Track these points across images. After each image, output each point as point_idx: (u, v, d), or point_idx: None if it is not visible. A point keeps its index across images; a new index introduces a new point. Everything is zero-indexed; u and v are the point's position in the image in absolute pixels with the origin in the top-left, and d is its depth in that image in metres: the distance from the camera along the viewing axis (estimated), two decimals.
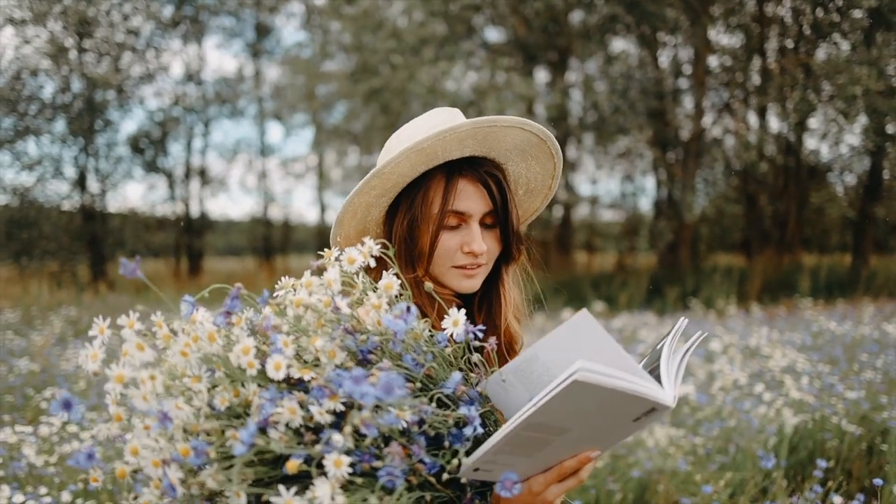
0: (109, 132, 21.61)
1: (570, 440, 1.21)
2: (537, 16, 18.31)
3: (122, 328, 1.15)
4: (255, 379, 1.15)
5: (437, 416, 1.19)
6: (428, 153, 1.55)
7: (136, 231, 22.16)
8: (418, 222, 1.60)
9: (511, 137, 1.62)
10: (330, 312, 1.24)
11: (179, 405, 1.09)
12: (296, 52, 23.87)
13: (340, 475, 1.05)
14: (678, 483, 4.19)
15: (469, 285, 1.64)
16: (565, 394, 1.06)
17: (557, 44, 18.96)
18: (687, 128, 19.01)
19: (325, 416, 1.10)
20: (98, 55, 20.84)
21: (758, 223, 19.13)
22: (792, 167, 18.50)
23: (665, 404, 1.14)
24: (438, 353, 1.28)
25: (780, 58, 17.31)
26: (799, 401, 5.05)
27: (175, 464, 1.08)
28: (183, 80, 23.63)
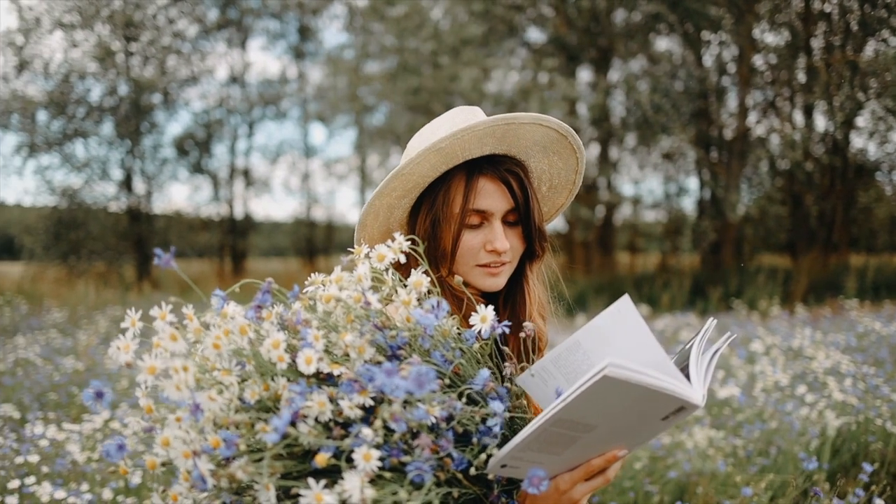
0: (155, 134, 21.93)
1: (597, 438, 1.20)
2: (580, 15, 18.25)
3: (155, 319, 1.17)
4: (285, 373, 1.17)
5: (465, 412, 1.19)
6: (447, 153, 1.55)
7: (180, 232, 22.41)
8: (440, 222, 1.60)
9: (531, 134, 1.62)
10: (359, 308, 1.25)
11: (213, 396, 1.11)
12: (338, 53, 23.98)
13: (370, 469, 1.06)
14: (717, 485, 4.15)
15: (493, 283, 1.65)
16: (594, 390, 1.06)
17: (600, 43, 18.88)
18: (731, 127, 18.82)
19: (355, 411, 1.11)
20: (144, 58, 21.14)
21: (803, 223, 18.87)
22: (838, 166, 18.23)
23: (694, 403, 1.13)
24: (467, 350, 1.29)
25: (827, 55, 17.07)
26: (842, 403, 4.97)
27: (205, 455, 1.10)
28: (227, 83, 23.87)
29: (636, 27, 18.88)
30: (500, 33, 18.81)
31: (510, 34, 19.33)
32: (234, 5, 22.95)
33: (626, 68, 20.36)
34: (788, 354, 6.84)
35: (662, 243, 22.88)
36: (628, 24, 19.13)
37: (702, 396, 1.17)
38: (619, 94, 20.29)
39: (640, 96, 18.01)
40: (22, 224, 21.02)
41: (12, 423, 4.81)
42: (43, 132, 20.00)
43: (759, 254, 21.69)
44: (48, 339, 8.40)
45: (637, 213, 24.70)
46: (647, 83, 18.96)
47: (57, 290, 15.60)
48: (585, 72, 20.81)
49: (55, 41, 24.09)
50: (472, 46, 17.59)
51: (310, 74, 25.61)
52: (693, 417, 5.02)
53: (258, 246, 28.56)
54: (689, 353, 1.28)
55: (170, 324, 1.17)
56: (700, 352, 1.29)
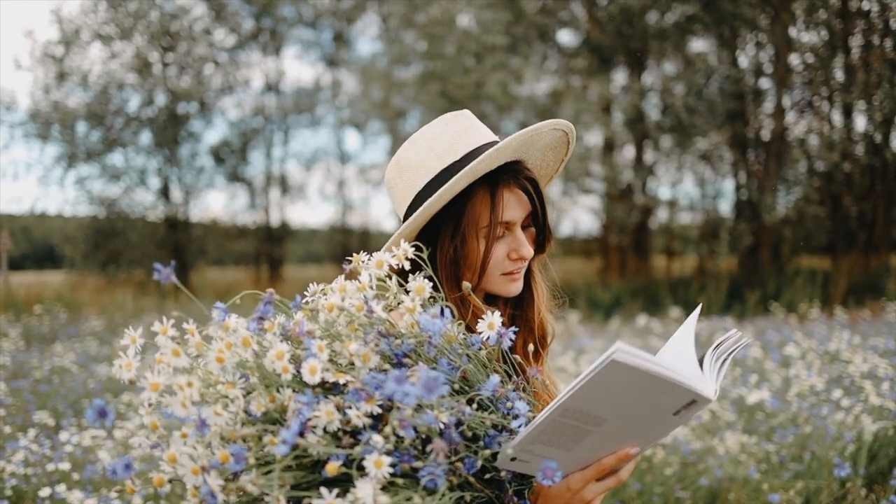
0: (192, 143, 22.16)
1: (608, 434, 1.20)
2: (612, 18, 18.17)
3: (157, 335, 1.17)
4: (291, 384, 1.16)
5: (475, 417, 1.19)
6: (485, 167, 1.56)
7: (217, 240, 22.60)
8: (466, 238, 1.59)
9: (547, 137, 1.65)
10: (363, 316, 1.25)
11: (218, 411, 1.11)
12: (371, 61, 24.10)
13: (381, 476, 1.06)
14: (750, 491, 4.09)
15: (515, 288, 1.65)
16: (603, 376, 1.06)
17: (632, 46, 18.78)
18: (768, 128, 18.62)
19: (363, 419, 1.11)
20: (181, 68, 21.38)
21: (843, 224, 18.62)
22: (878, 166, 17.96)
23: (706, 396, 1.13)
24: (473, 356, 1.28)
25: (865, 53, 16.83)
26: (879, 407, 4.89)
27: (214, 470, 1.10)
28: (263, 91, 24.07)
29: (670, 28, 18.76)
30: (531, 37, 18.78)
31: (541, 38, 19.29)
32: (269, 15, 23.13)
33: (660, 70, 20.25)
34: (825, 358, 6.74)
35: (699, 246, 22.68)
36: (661, 26, 19.01)
37: (714, 391, 1.17)
38: (653, 97, 20.18)
39: (675, 99, 17.89)
40: (62, 233, 21.33)
41: (47, 430, 4.87)
42: (82, 143, 20.30)
43: (798, 256, 21.44)
44: (85, 347, 8.50)
45: (673, 217, 24.51)
46: (681, 85, 18.83)
47: (96, 298, 15.80)
48: (619, 74, 20.71)
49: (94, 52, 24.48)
50: (498, 51, 17.55)
51: (344, 82, 25.73)
52: (725, 422, 4.97)
53: (294, 253, 28.72)
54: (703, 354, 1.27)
55: (171, 338, 1.17)
56: (715, 353, 1.28)
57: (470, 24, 19.31)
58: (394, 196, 1.72)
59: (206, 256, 22.37)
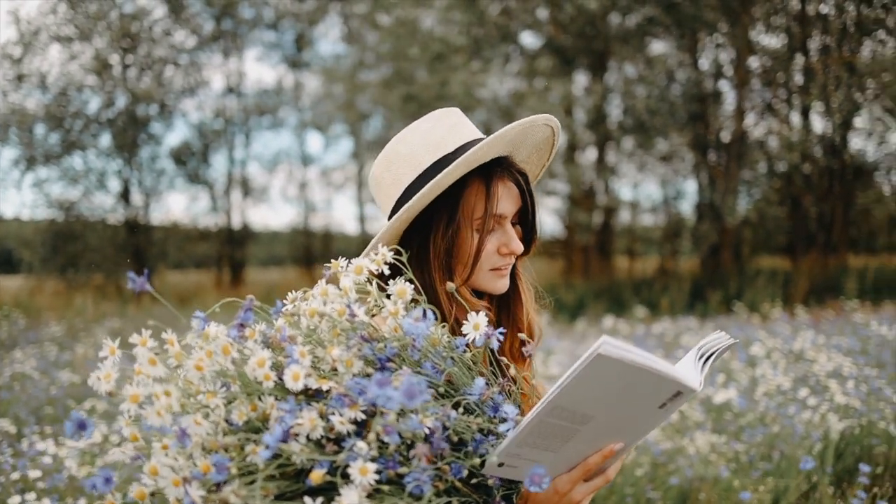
0: (152, 145, 21.93)
1: (594, 431, 1.19)
2: (573, 21, 18.25)
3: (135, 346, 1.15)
4: (273, 391, 1.14)
5: (460, 421, 1.17)
6: (480, 157, 1.55)
7: (178, 243, 22.41)
8: (460, 230, 1.58)
9: (539, 134, 1.65)
10: (345, 321, 1.23)
11: (198, 420, 1.08)
12: (334, 62, 24.02)
13: (367, 483, 1.04)
14: (720, 491, 4.11)
15: (503, 285, 1.64)
16: (589, 371, 1.05)
17: (595, 47, 18.88)
18: (728, 129, 18.82)
19: (347, 426, 1.09)
20: (141, 70, 21.15)
21: (802, 225, 18.86)
22: (837, 168, 18.22)
23: (691, 386, 1.13)
24: (458, 358, 1.27)
25: (824, 56, 17.07)
26: (845, 405, 4.94)
27: (196, 482, 1.07)
28: (224, 93, 23.88)
29: (631, 31, 18.88)
30: (494, 39, 18.80)
31: (504, 40, 19.32)
32: (230, 16, 22.96)
33: (622, 72, 20.38)
34: (790, 357, 6.81)
35: (661, 247, 22.86)
36: (623, 28, 19.13)
37: (699, 382, 1.18)
38: (615, 98, 20.30)
39: (636, 100, 18.02)
40: (20, 237, 20.99)
41: (9, 438, 4.78)
42: (40, 145, 19.99)
43: (758, 256, 21.68)
44: (45, 353, 8.37)
45: (635, 218, 24.69)
46: (642, 87, 18.97)
47: (55, 302, 15.58)
48: (581, 76, 20.81)
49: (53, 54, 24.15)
50: (461, 53, 17.57)
51: (306, 84, 25.63)
52: (694, 422, 4.99)
53: (256, 256, 28.53)
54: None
55: (150, 349, 1.15)
56: (700, 349, 1.29)
57: (433, 25, 19.31)
58: (380, 192, 1.69)
59: (167, 260, 22.15)
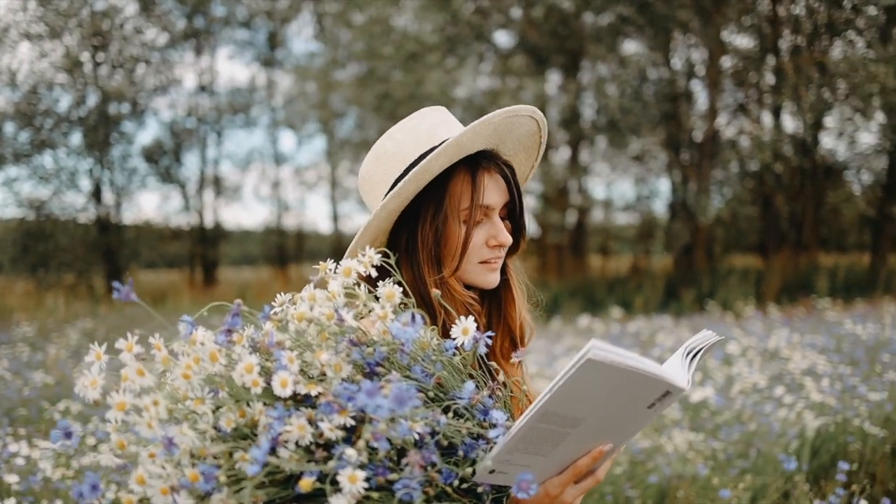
0: (124, 144, 21.76)
1: (584, 434, 1.20)
2: (546, 20, 18.28)
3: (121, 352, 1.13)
4: (261, 397, 1.12)
5: (450, 426, 1.17)
6: (463, 146, 1.54)
7: (150, 242, 22.27)
8: (448, 221, 1.57)
9: (523, 127, 1.64)
10: (333, 325, 1.21)
11: (185, 431, 1.06)
12: (307, 61, 23.93)
13: (356, 491, 1.02)
14: (698, 489, 4.13)
15: (493, 279, 1.63)
16: (579, 376, 1.05)
17: (568, 47, 18.92)
18: (700, 129, 18.93)
19: (336, 432, 1.07)
20: (112, 68, 20.97)
21: (774, 224, 19.02)
22: (808, 167, 18.39)
23: (679, 385, 1.14)
24: (447, 363, 1.26)
25: (795, 57, 17.21)
26: (820, 403, 4.99)
27: (184, 490, 1.06)
28: (196, 92, 23.74)
29: (604, 30, 18.94)
30: (467, 38, 18.80)
31: (478, 39, 19.33)
32: (202, 14, 22.83)
33: (595, 71, 20.44)
34: (765, 355, 6.86)
35: (635, 246, 22.99)
36: (597, 27, 19.18)
37: (687, 380, 1.19)
38: (588, 97, 20.37)
39: (609, 99, 18.08)
40: None
41: None
42: (10, 144, 19.77)
43: (730, 255, 21.85)
44: (17, 354, 8.27)
45: (609, 217, 24.80)
46: (615, 86, 19.04)
47: (26, 303, 15.41)
48: (554, 75, 20.87)
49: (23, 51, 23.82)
50: (435, 52, 17.56)
51: (279, 83, 25.52)
52: (671, 420, 5.01)
53: (229, 255, 28.39)
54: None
55: (137, 356, 1.13)
56: (686, 348, 1.30)
57: (406, 24, 19.28)
58: (369, 190, 1.69)
59: (139, 259, 22.00)
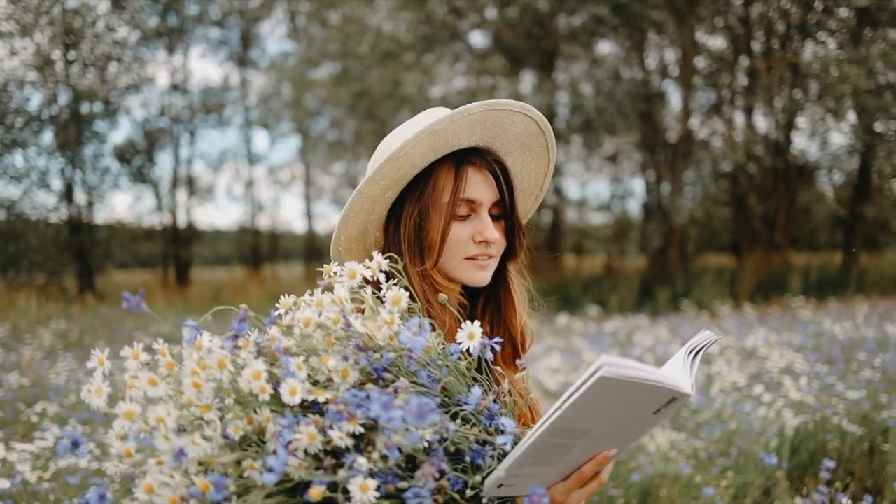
0: (96, 143, 21.54)
1: (589, 443, 1.20)
2: (521, 20, 18.30)
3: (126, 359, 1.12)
4: (268, 404, 1.11)
5: (458, 433, 1.17)
6: (440, 137, 1.53)
7: (123, 242, 22.06)
8: (429, 212, 1.57)
9: (516, 124, 1.61)
10: (340, 330, 1.21)
11: (196, 441, 1.05)
12: (281, 60, 23.84)
13: (368, 500, 1.02)
14: (680, 487, 4.15)
15: (481, 277, 1.62)
16: (591, 392, 1.05)
17: (543, 47, 18.96)
18: (674, 129, 19.03)
19: (346, 440, 1.06)
20: (84, 67, 20.77)
21: (747, 223, 19.16)
22: (780, 167, 18.55)
23: (685, 392, 1.16)
24: (453, 367, 1.25)
25: (767, 57, 17.35)
26: (799, 402, 5.03)
27: (194, 500, 1.05)
28: (169, 91, 23.58)
29: (579, 30, 18.99)
30: (443, 38, 18.80)
31: (453, 39, 19.32)
32: (174, 12, 22.67)
33: (570, 72, 20.49)
34: (743, 354, 6.91)
35: (609, 246, 23.10)
36: (571, 27, 19.23)
37: (691, 385, 1.20)
38: (563, 97, 20.43)
39: (584, 99, 18.14)
40: None
41: None
42: None
43: (704, 254, 22.00)
44: None
45: (583, 216, 24.90)
46: (590, 86, 19.10)
47: None
48: (530, 75, 20.91)
49: None
50: (412, 51, 17.53)
51: (253, 82, 25.40)
52: None
53: (202, 255, 28.22)
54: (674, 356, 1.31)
55: (144, 364, 1.12)
56: (687, 350, 1.31)
57: (380, 23, 19.24)
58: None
59: (111, 259, 21.81)
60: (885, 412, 4.85)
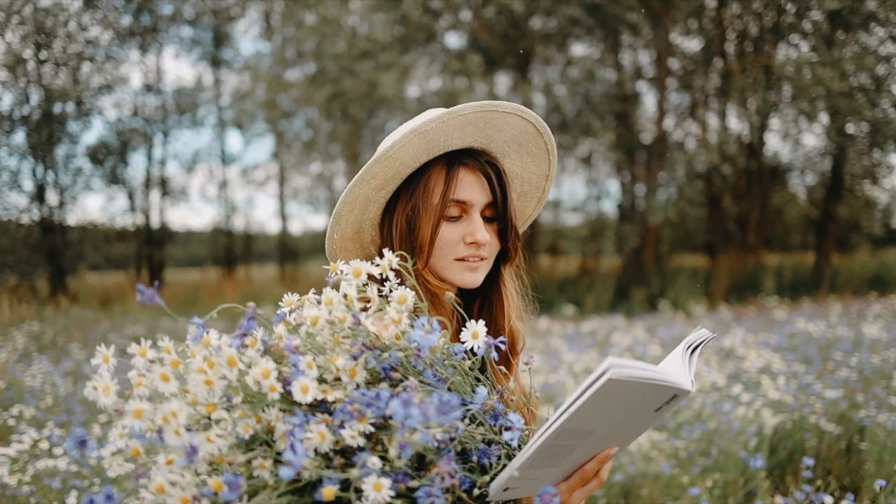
0: (68, 144, 21.32)
1: (592, 442, 1.21)
2: (497, 21, 18.32)
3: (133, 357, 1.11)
4: (278, 403, 1.11)
5: (466, 432, 1.17)
6: (430, 138, 1.53)
7: (95, 243, 21.86)
8: (419, 213, 1.57)
9: (511, 126, 1.61)
10: (347, 328, 1.21)
11: (210, 438, 1.05)
12: (255, 60, 23.71)
13: (381, 499, 1.02)
14: (662, 487, 4.18)
15: (472, 279, 1.62)
16: (599, 394, 1.05)
17: (519, 48, 18.98)
18: (649, 131, 19.13)
19: (358, 439, 1.06)
20: (56, 66, 20.57)
21: (721, 224, 19.29)
22: (754, 168, 18.70)
23: (686, 389, 1.17)
24: (458, 366, 1.26)
25: (741, 59, 17.48)
26: (777, 401, 5.08)
27: (206, 499, 1.04)
28: (142, 91, 23.38)
29: (554, 31, 19.02)
30: (419, 39, 18.78)
31: (429, 40, 19.31)
32: (148, 12, 22.50)
33: (545, 73, 20.52)
34: (721, 354, 6.96)
35: (585, 246, 23.15)
36: (546, 29, 19.26)
37: (691, 382, 1.21)
38: (539, 99, 20.45)
39: (559, 100, 18.19)
40: None
41: None
42: None
43: (678, 255, 22.11)
44: None
45: (557, 217, 24.93)
46: (565, 87, 19.15)
47: None
48: (505, 77, 20.92)
49: None
50: (390, 51, 17.50)
51: (226, 82, 25.24)
52: None
53: (175, 256, 28.01)
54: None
55: (152, 361, 1.11)
56: (684, 347, 1.32)
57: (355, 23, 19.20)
58: None
59: (84, 261, 21.60)
60: (862, 411, 4.90)
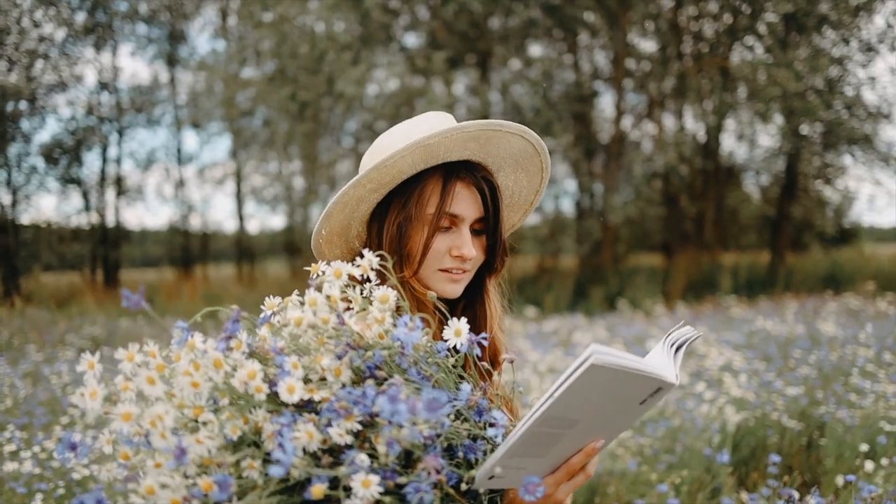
0: (22, 143, 21.00)
1: (578, 434, 1.21)
2: (456, 20, 18.32)
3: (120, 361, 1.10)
4: (265, 404, 1.11)
5: (452, 428, 1.18)
6: (431, 150, 1.54)
7: (49, 243, 21.56)
8: (412, 221, 1.58)
9: (511, 145, 1.62)
10: (331, 328, 1.20)
11: (200, 439, 1.04)
12: (212, 59, 23.50)
13: (370, 495, 1.01)
14: (628, 484, 4.21)
15: (452, 290, 1.63)
16: (582, 380, 1.06)
17: (478, 48, 19.01)
18: (607, 131, 19.26)
19: (346, 438, 1.06)
20: (9, 63, 20.23)
21: (677, 224, 19.48)
22: (710, 168, 18.91)
23: (671, 382, 1.18)
24: (442, 364, 1.26)
25: (697, 61, 17.67)
26: (740, 398, 5.14)
27: (197, 501, 1.03)
28: (97, 89, 23.08)
29: (513, 31, 19.07)
30: (378, 39, 18.73)
31: (388, 39, 19.26)
32: (103, 9, 22.22)
33: (503, 73, 20.57)
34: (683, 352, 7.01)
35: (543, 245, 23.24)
36: (505, 28, 19.30)
37: (675, 376, 1.22)
38: (498, 98, 20.49)
39: (518, 99, 18.24)
40: None
41: None
42: None
43: (634, 254, 22.29)
44: None
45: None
46: (523, 87, 19.20)
47: None
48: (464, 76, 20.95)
49: None
50: (349, 51, 17.43)
51: (183, 80, 25.00)
52: None
53: (130, 256, 27.69)
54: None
55: (139, 365, 1.10)
56: (666, 342, 1.33)
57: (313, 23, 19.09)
58: None
59: (37, 260, 21.28)
60: (822, 407, 4.98)
